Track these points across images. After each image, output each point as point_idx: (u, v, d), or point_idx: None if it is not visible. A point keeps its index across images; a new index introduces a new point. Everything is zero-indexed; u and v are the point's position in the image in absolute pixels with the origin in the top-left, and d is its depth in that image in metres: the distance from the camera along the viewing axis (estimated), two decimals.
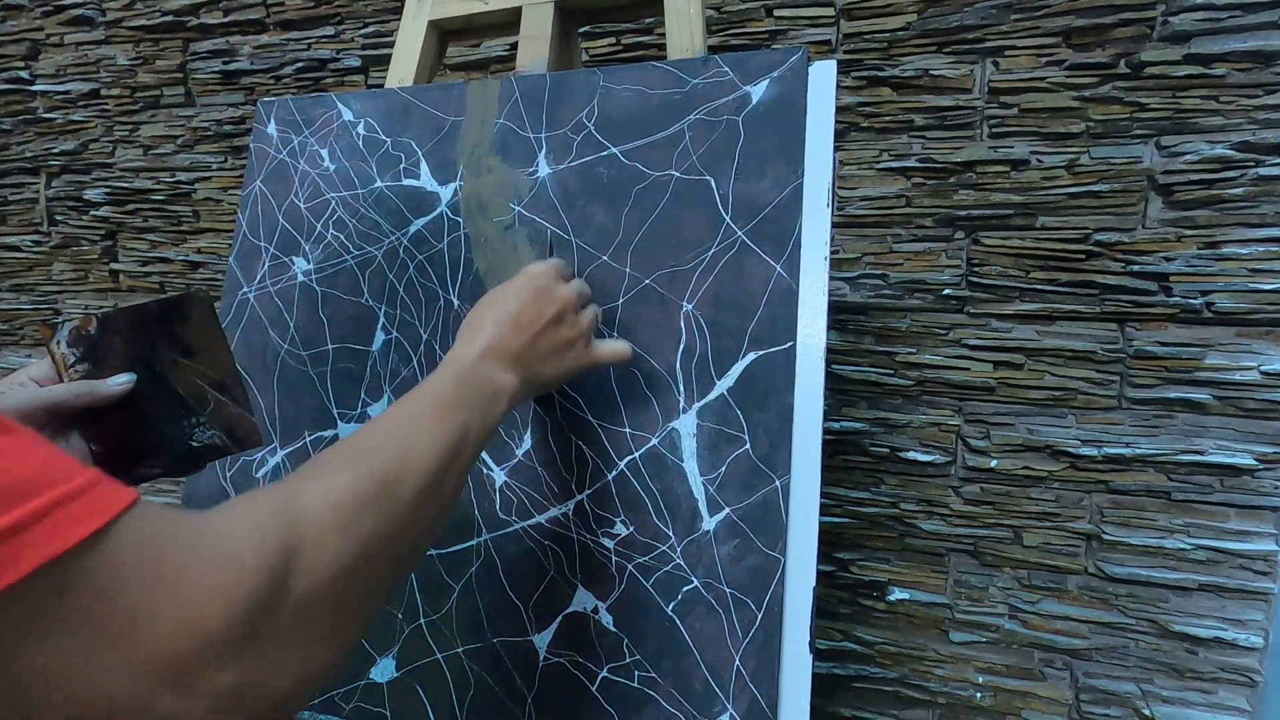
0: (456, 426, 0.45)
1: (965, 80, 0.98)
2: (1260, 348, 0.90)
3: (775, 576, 0.54)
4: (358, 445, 0.42)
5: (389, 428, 0.44)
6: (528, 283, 0.55)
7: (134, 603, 0.28)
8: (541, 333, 0.53)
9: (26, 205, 1.47)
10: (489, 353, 0.51)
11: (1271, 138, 0.87)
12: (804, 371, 0.57)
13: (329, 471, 0.39)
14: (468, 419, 0.46)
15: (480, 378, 0.49)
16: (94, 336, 0.54)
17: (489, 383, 0.50)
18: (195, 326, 0.57)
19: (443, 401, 0.46)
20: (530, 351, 0.52)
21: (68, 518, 0.26)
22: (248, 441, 0.58)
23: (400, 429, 0.44)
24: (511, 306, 0.53)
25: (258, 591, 0.30)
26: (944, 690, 1.04)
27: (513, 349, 0.52)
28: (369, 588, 0.37)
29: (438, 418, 0.45)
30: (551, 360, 0.54)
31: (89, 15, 1.38)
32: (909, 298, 1.02)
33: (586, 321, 0.56)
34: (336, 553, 0.35)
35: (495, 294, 0.55)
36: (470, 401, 0.47)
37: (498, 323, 0.52)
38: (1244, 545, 0.92)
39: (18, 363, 1.52)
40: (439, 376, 0.49)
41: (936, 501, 1.03)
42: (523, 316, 0.53)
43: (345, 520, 0.36)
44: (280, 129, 0.79)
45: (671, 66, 0.65)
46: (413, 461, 0.41)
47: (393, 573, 0.40)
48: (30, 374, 0.53)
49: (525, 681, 0.60)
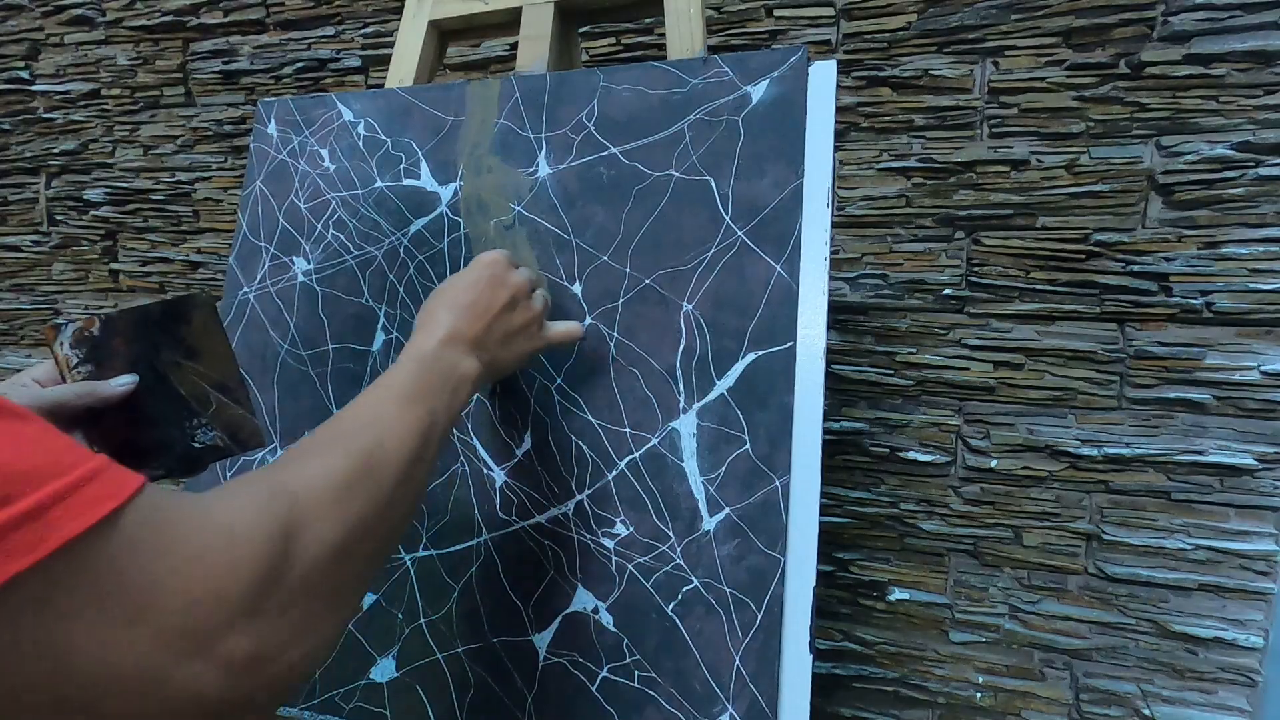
0: (424, 413, 0.46)
1: (965, 80, 0.98)
2: (1260, 348, 0.90)
3: (775, 576, 0.54)
4: (334, 431, 0.43)
5: (363, 414, 0.45)
6: (480, 271, 0.57)
7: (152, 578, 0.29)
8: (497, 318, 0.55)
9: (26, 205, 1.47)
10: (449, 340, 0.52)
11: (1271, 138, 0.87)
12: (804, 371, 0.57)
13: (315, 454, 0.40)
14: (434, 406, 0.48)
15: (443, 364, 0.51)
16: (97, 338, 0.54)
17: (452, 370, 0.51)
18: (198, 328, 0.57)
19: (408, 390, 0.47)
20: (487, 336, 0.54)
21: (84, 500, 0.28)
22: (250, 443, 0.58)
23: (373, 416, 0.45)
24: (466, 296, 0.55)
25: (266, 563, 0.32)
26: (944, 690, 1.04)
27: (470, 335, 0.53)
28: (362, 563, 0.39)
29: (406, 405, 0.46)
30: (507, 344, 0.56)
31: (89, 15, 1.38)
32: (909, 298, 1.02)
33: (539, 306, 0.59)
34: (332, 528, 0.36)
35: (448, 284, 0.57)
36: (435, 388, 0.49)
37: (454, 310, 0.54)
38: (1244, 545, 0.92)
39: (18, 363, 1.52)
40: (402, 366, 0.50)
41: (936, 501, 1.03)
42: (478, 303, 0.55)
43: (337, 499, 0.38)
44: (280, 129, 0.79)
45: (671, 66, 0.65)
46: (390, 446, 0.43)
47: (380, 550, 0.41)
48: (32, 375, 0.53)
49: (525, 681, 0.60)
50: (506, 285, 0.57)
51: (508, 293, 0.56)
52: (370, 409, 0.46)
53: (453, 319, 0.53)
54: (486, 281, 0.56)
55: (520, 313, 0.57)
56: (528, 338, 0.58)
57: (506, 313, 0.56)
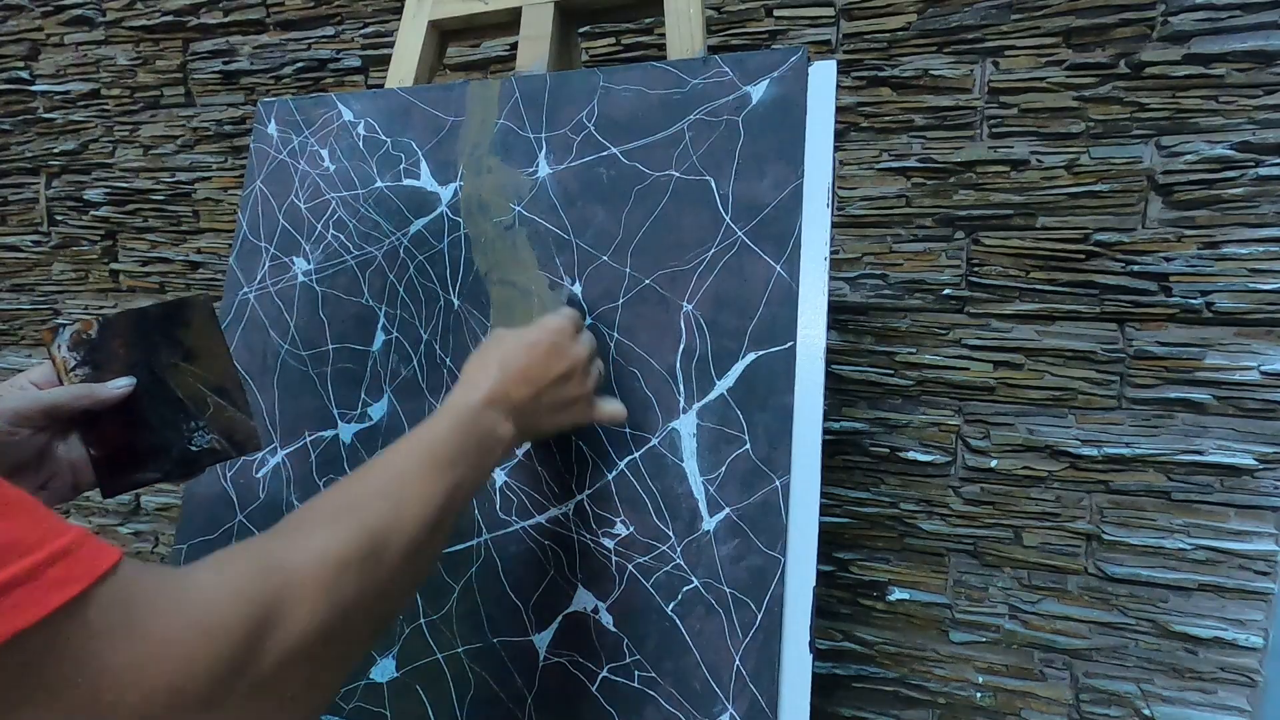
0: (452, 480, 0.44)
1: (965, 80, 0.98)
2: (1260, 348, 0.90)
3: (775, 576, 0.54)
4: (349, 497, 0.41)
5: (382, 479, 0.42)
6: (541, 335, 0.54)
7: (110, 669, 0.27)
8: (547, 388, 0.52)
9: (26, 205, 1.47)
10: (492, 401, 0.49)
11: (1271, 138, 0.87)
12: (804, 371, 0.57)
13: (317, 526, 0.38)
14: (464, 472, 0.45)
15: (481, 427, 0.48)
16: (95, 340, 0.54)
17: (489, 434, 0.49)
18: (196, 330, 0.57)
19: (440, 454, 0.45)
20: (533, 404, 0.52)
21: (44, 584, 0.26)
22: (247, 446, 0.58)
23: (394, 482, 0.42)
24: (521, 358, 0.52)
25: (234, 655, 0.30)
26: (944, 690, 1.04)
27: (515, 400, 0.51)
28: (346, 647, 0.37)
29: (434, 470, 0.44)
30: (551, 415, 0.54)
31: (89, 15, 1.38)
32: (909, 298, 1.02)
33: (592, 382, 0.56)
34: (317, 614, 0.34)
35: (507, 340, 0.54)
36: (468, 452, 0.46)
37: (504, 370, 0.51)
38: (1244, 545, 0.92)
39: (18, 363, 1.52)
40: (438, 422, 0.47)
41: (936, 501, 1.03)
42: (531, 369, 0.52)
43: (331, 580, 0.35)
44: (280, 129, 0.79)
45: (671, 66, 0.65)
46: (406, 518, 0.40)
47: (372, 631, 0.39)
48: (30, 377, 0.53)
49: (525, 681, 0.60)
50: (566, 356, 0.54)
51: (565, 364, 0.53)
52: (395, 469, 0.43)
53: (501, 379, 0.50)
54: (546, 348, 0.53)
55: (573, 387, 0.54)
56: (573, 413, 0.55)
57: (559, 384, 0.53)
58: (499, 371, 0.51)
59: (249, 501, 0.73)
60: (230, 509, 0.73)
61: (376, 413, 0.70)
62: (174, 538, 0.75)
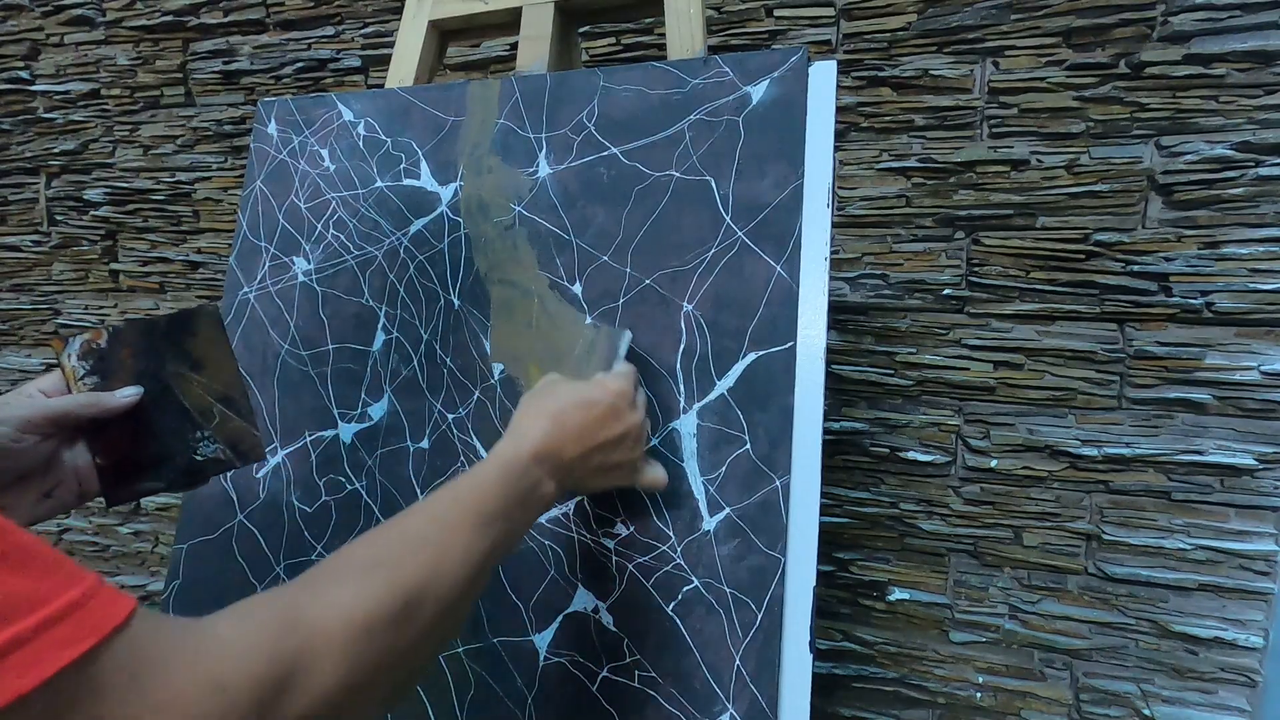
0: (494, 536, 0.43)
1: (965, 80, 0.98)
2: (1260, 348, 0.90)
3: (775, 576, 0.54)
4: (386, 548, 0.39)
5: (423, 533, 0.40)
6: (600, 395, 0.52)
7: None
8: (597, 450, 0.51)
9: (26, 205, 1.47)
10: (541, 456, 0.48)
11: (1271, 138, 0.87)
12: (804, 372, 0.57)
13: (349, 580, 0.36)
14: (506, 527, 0.44)
15: (527, 482, 0.47)
16: (104, 349, 0.54)
17: (534, 490, 0.47)
18: (203, 340, 0.57)
19: (487, 506, 0.43)
20: (581, 464, 0.50)
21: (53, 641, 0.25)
22: (251, 456, 0.59)
23: (435, 536, 0.40)
24: (576, 416, 0.50)
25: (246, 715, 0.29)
26: (944, 690, 1.04)
27: (564, 459, 0.49)
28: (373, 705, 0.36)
29: (478, 525, 0.42)
30: (596, 477, 0.53)
31: (89, 15, 1.38)
32: (909, 298, 1.02)
33: (643, 448, 0.55)
34: (338, 675, 0.33)
35: (562, 392, 0.52)
36: (511, 507, 0.45)
37: (560, 425, 0.50)
38: (1244, 545, 0.92)
39: (18, 363, 1.52)
40: (484, 474, 0.46)
41: (936, 501, 1.03)
42: (586, 429, 0.50)
43: (356, 640, 0.34)
44: (280, 129, 0.79)
45: (671, 66, 0.65)
46: (445, 574, 0.39)
47: (399, 689, 0.37)
48: (39, 385, 0.53)
49: (525, 681, 0.60)
50: (622, 421, 0.52)
51: (620, 429, 0.52)
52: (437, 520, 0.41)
53: (553, 434, 0.49)
54: (604, 410, 0.51)
55: (623, 452, 0.53)
56: (618, 476, 0.54)
57: (610, 449, 0.52)
58: (551, 425, 0.49)
59: (249, 501, 0.73)
60: (230, 509, 0.73)
61: (376, 413, 0.70)
62: (174, 538, 0.75)
